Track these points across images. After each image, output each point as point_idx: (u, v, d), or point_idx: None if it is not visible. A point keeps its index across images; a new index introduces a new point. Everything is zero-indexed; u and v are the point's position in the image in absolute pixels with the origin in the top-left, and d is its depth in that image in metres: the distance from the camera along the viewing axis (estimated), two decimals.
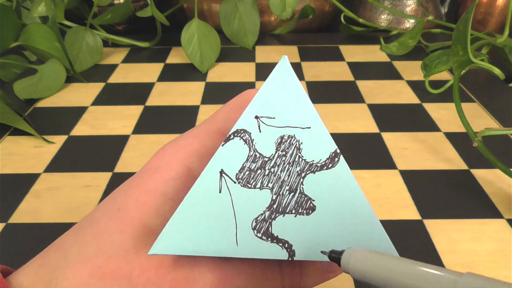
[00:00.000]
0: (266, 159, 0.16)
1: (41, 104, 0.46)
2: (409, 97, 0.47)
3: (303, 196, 0.16)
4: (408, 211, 0.31)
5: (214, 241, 0.15)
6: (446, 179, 0.35)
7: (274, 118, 0.16)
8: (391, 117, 0.43)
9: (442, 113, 0.44)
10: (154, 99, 0.47)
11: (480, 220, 0.31)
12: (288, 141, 0.16)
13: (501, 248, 0.28)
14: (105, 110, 0.45)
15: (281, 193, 0.16)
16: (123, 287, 0.15)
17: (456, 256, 0.28)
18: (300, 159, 0.16)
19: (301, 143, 0.16)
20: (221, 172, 0.16)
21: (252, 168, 0.16)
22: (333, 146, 0.16)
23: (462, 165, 0.36)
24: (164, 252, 0.15)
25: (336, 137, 0.40)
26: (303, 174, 0.16)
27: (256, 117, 0.16)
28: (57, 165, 0.36)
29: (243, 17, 0.57)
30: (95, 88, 0.49)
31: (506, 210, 0.31)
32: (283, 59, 0.17)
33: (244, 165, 0.16)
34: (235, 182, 0.16)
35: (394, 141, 0.39)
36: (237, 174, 0.16)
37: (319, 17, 0.65)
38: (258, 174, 0.16)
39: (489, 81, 0.50)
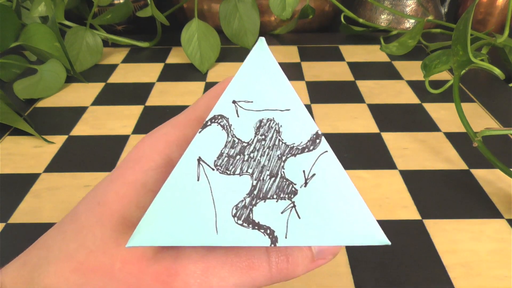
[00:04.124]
0: (245, 144, 0.16)
1: (41, 104, 0.46)
2: (409, 97, 0.47)
3: (284, 180, 0.16)
4: (408, 211, 0.31)
5: (193, 230, 0.15)
6: (446, 179, 0.35)
7: (252, 102, 0.16)
8: (391, 117, 0.43)
9: (442, 113, 0.44)
10: (154, 99, 0.47)
11: (480, 220, 0.31)
12: (267, 124, 0.16)
13: (501, 248, 0.28)
14: (105, 110, 0.45)
15: (261, 178, 0.16)
16: (104, 281, 0.15)
17: (456, 256, 0.28)
18: (280, 143, 0.16)
19: (281, 126, 0.16)
20: (199, 159, 0.15)
21: (230, 154, 0.16)
22: (314, 128, 0.16)
23: (462, 165, 0.36)
24: (142, 244, 0.15)
25: (336, 137, 0.40)
26: (283, 158, 0.16)
27: (234, 102, 0.16)
28: (57, 165, 0.36)
29: (243, 17, 0.57)
30: (95, 88, 0.49)
31: (506, 210, 0.31)
32: (260, 40, 0.16)
33: (223, 152, 0.16)
34: (213, 169, 0.15)
35: (394, 141, 0.39)
36: (215, 161, 0.16)
37: (319, 17, 0.65)
38: (237, 160, 0.16)
39: (489, 81, 0.50)
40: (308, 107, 0.45)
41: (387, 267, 0.27)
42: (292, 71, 0.53)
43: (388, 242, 0.15)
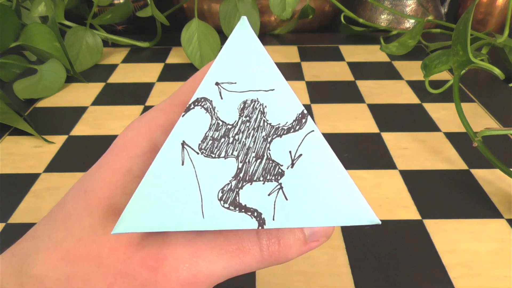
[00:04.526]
0: (230, 127, 0.15)
1: (41, 104, 0.46)
2: (409, 97, 0.47)
3: (270, 162, 0.15)
4: (408, 211, 0.31)
5: (179, 215, 0.15)
6: (446, 179, 0.35)
7: (235, 83, 0.16)
8: (391, 117, 0.43)
9: (442, 113, 0.44)
10: (154, 99, 0.47)
11: (480, 220, 0.31)
12: (252, 105, 0.16)
13: (501, 248, 0.28)
14: (105, 110, 0.45)
15: (247, 160, 0.15)
16: (92, 268, 0.15)
17: (456, 256, 0.28)
18: (265, 124, 0.16)
19: (265, 106, 0.16)
20: (183, 143, 0.15)
21: (215, 137, 0.15)
22: (299, 107, 0.16)
23: (462, 165, 0.36)
24: (128, 230, 0.15)
25: (336, 137, 0.40)
26: (269, 139, 0.15)
27: (217, 84, 0.16)
28: (57, 165, 0.36)
29: None
30: (95, 88, 0.49)
31: (506, 210, 0.31)
32: (242, 19, 0.16)
33: (207, 135, 0.15)
34: (198, 153, 0.15)
35: (394, 141, 0.39)
36: (199, 144, 0.15)
37: (319, 17, 0.65)
38: (222, 142, 0.15)
39: (489, 81, 0.50)
40: (308, 107, 0.45)
41: (387, 267, 0.27)
42: (292, 71, 0.53)
43: (379, 222, 0.15)
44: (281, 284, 0.26)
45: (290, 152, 0.15)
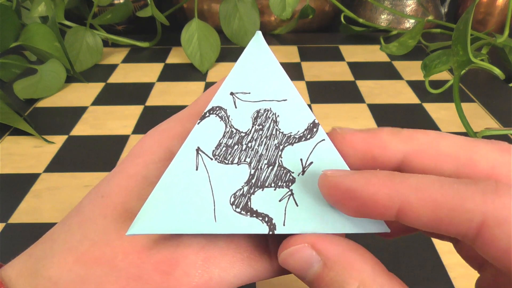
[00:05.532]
0: (243, 134, 0.16)
1: (41, 104, 0.46)
2: (409, 97, 0.47)
3: (282, 169, 0.16)
4: None
5: (191, 218, 0.15)
6: None
7: (249, 93, 0.16)
8: (391, 117, 0.43)
9: (442, 113, 0.44)
10: (154, 99, 0.47)
11: None
12: (265, 114, 0.16)
13: None
14: (105, 110, 0.45)
15: (259, 167, 0.16)
16: (106, 271, 0.15)
17: (456, 256, 0.28)
18: (278, 132, 0.16)
19: (278, 116, 0.16)
20: (198, 149, 0.16)
21: (228, 144, 0.16)
22: (311, 117, 0.16)
23: None
24: (142, 232, 0.15)
25: None
26: (281, 147, 0.16)
27: (232, 93, 0.16)
28: (57, 165, 0.36)
29: (243, 17, 0.57)
30: (95, 88, 0.49)
31: None
32: (257, 34, 0.17)
33: (221, 142, 0.16)
34: (211, 159, 0.16)
35: None
36: (213, 150, 0.16)
37: (319, 17, 0.66)
38: (235, 149, 0.16)
39: (489, 81, 0.50)
40: (308, 107, 0.45)
41: (387, 267, 0.27)
42: (292, 71, 0.53)
43: (388, 230, 0.16)
44: (281, 285, 0.26)
45: (301, 159, 0.16)
